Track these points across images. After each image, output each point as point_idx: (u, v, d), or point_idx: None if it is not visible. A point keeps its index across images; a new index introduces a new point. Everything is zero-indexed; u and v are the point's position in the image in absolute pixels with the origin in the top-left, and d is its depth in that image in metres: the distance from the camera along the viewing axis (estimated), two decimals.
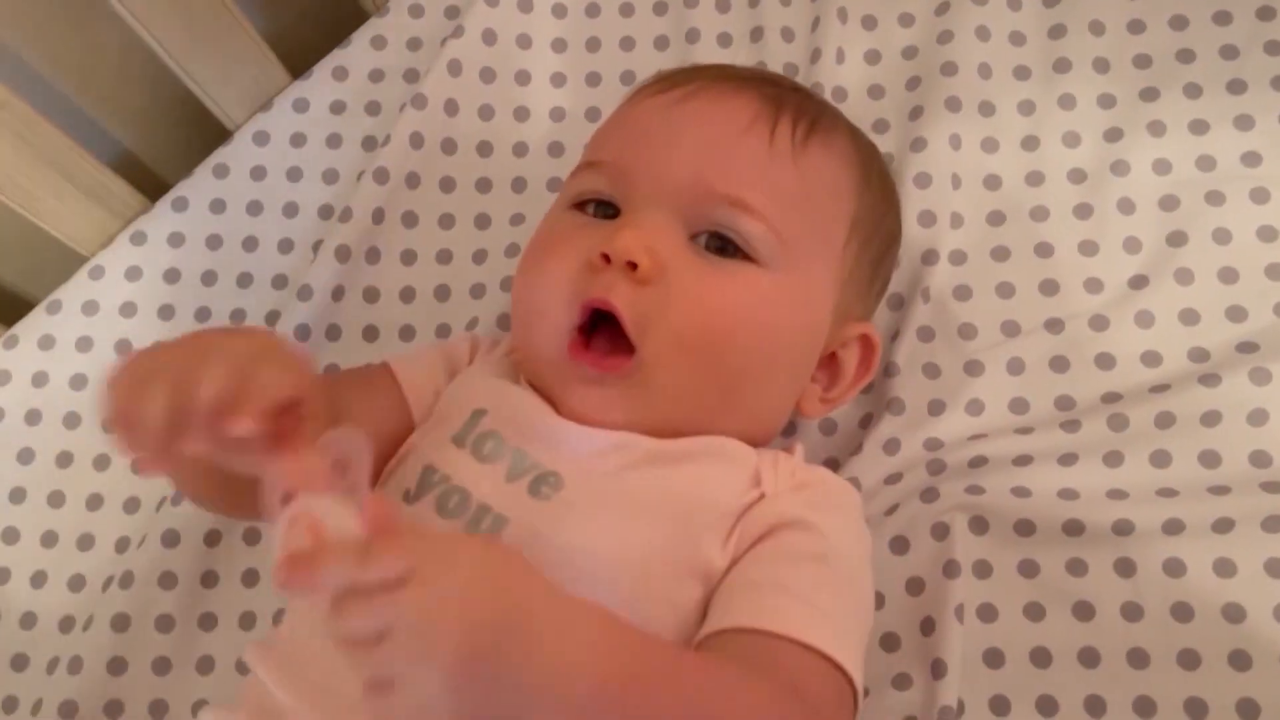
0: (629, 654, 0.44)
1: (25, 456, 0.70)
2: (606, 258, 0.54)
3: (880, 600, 0.63)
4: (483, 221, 0.75)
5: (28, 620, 0.67)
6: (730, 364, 0.56)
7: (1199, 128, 0.71)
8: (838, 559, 0.54)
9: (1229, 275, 0.68)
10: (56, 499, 0.69)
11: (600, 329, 0.55)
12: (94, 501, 0.69)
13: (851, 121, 0.65)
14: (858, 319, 0.63)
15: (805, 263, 0.58)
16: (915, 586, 0.63)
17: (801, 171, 0.58)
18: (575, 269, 0.55)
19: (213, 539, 0.67)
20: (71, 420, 0.71)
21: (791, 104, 0.60)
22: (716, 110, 0.58)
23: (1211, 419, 0.64)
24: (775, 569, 0.52)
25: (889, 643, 0.63)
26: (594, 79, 0.78)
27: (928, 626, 0.62)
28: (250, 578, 0.67)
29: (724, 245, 0.56)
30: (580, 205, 0.59)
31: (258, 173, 0.76)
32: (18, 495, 0.69)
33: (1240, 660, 0.60)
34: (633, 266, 0.54)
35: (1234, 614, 0.60)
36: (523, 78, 0.78)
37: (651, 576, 0.52)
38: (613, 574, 0.52)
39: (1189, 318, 0.67)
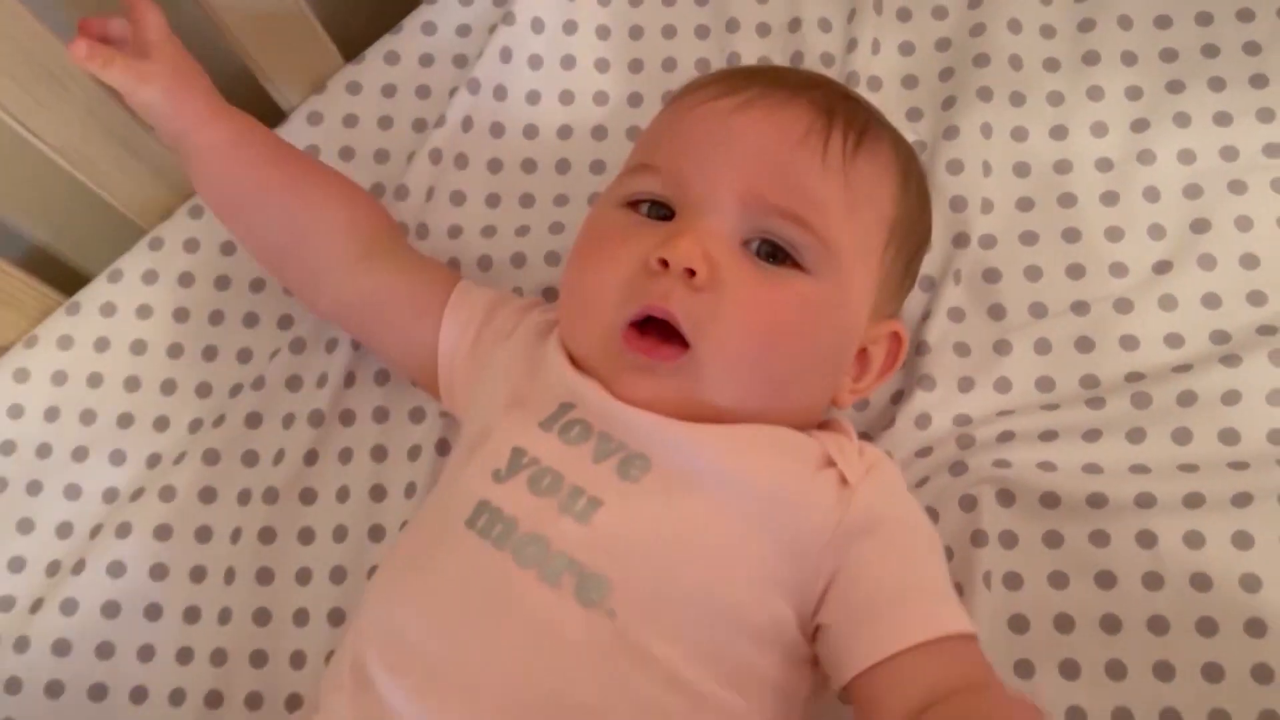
0: None
1: (88, 417, 0.73)
2: (664, 263, 0.57)
3: None
4: (527, 201, 0.77)
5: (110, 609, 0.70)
6: (778, 366, 0.59)
7: (1223, 119, 0.73)
8: (931, 538, 0.59)
9: (1250, 261, 0.70)
10: (117, 457, 0.73)
11: (652, 324, 0.58)
12: (153, 460, 0.72)
13: (891, 125, 0.67)
14: (888, 316, 0.65)
15: (849, 270, 0.60)
16: (946, 556, 0.66)
17: (850, 183, 0.60)
18: (631, 270, 0.58)
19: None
20: (132, 384, 0.74)
21: (842, 114, 0.61)
22: (772, 121, 0.60)
23: (1232, 398, 0.67)
24: (902, 574, 0.56)
25: None
26: (636, 65, 0.80)
27: (956, 593, 0.65)
28: (306, 535, 0.70)
29: (774, 251, 0.59)
30: (633, 204, 0.61)
31: (311, 152, 0.78)
32: (80, 454, 0.73)
33: (1256, 628, 0.62)
34: (690, 273, 0.56)
35: (1251, 584, 0.63)
36: (568, 63, 0.80)
37: (739, 563, 0.55)
38: (705, 556, 0.54)
39: (1211, 301, 0.70)
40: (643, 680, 0.52)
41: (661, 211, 0.60)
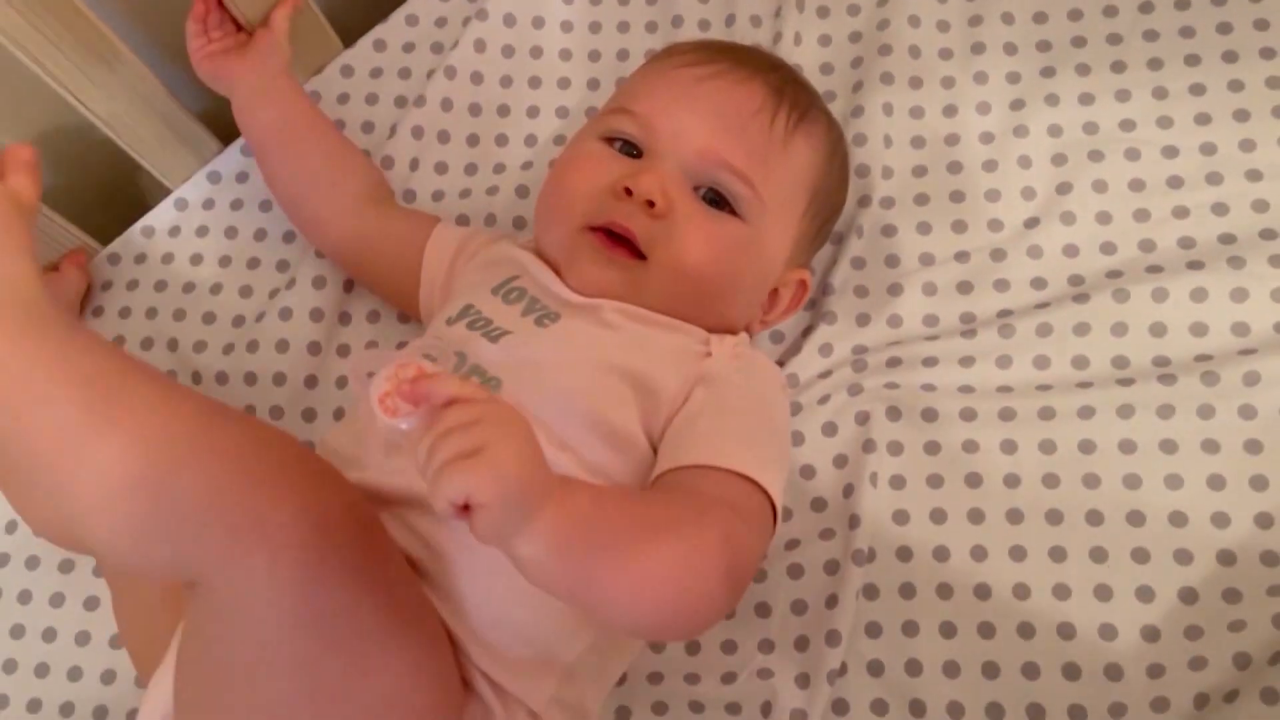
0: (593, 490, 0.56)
1: (119, 341, 0.86)
2: (629, 191, 0.70)
3: (812, 472, 0.78)
4: (499, 168, 0.90)
5: None
6: (707, 287, 0.72)
7: (1086, 100, 0.85)
8: (761, 407, 0.69)
9: (1104, 218, 0.82)
10: None
11: (610, 236, 0.70)
12: (171, 376, 0.85)
13: (828, 110, 0.79)
14: (799, 266, 0.78)
15: (774, 223, 0.74)
16: (840, 461, 0.78)
17: (787, 153, 0.74)
18: (601, 189, 0.71)
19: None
20: (151, 313, 0.87)
21: (789, 96, 0.75)
22: (733, 93, 0.73)
23: (1082, 330, 0.78)
24: (714, 416, 0.67)
25: (818, 505, 0.77)
26: (595, 55, 0.93)
27: (848, 491, 0.76)
28: None
29: (717, 199, 0.72)
30: (609, 139, 0.74)
31: None
32: None
33: (1093, 518, 0.74)
34: (650, 204, 0.69)
35: (1091, 482, 0.75)
36: (536, 53, 0.93)
37: (599, 386, 0.67)
38: (573, 376, 0.67)
39: (1071, 251, 0.81)
40: None
41: (631, 150, 0.73)
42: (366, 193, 0.84)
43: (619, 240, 0.70)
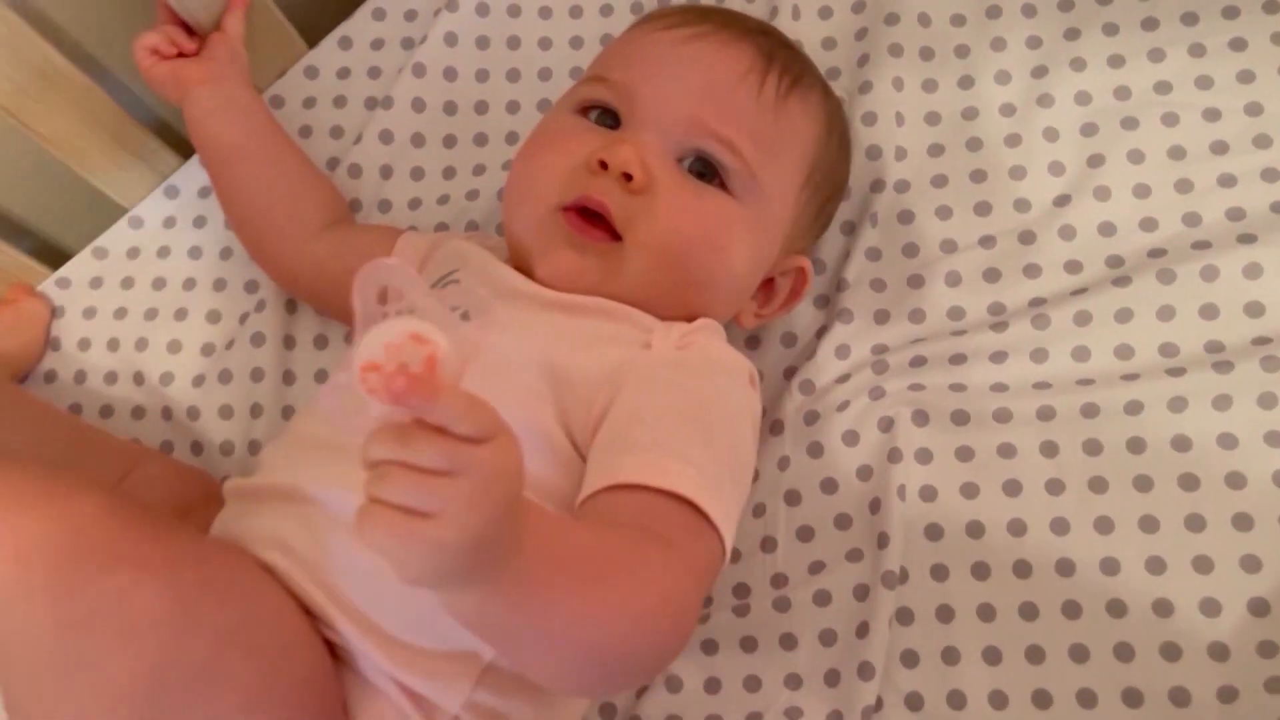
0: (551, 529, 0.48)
1: (79, 378, 0.80)
2: (604, 164, 0.63)
3: (834, 486, 0.71)
4: (479, 170, 0.83)
5: None
6: (690, 271, 0.65)
7: (1116, 62, 0.78)
8: (709, 409, 0.60)
9: (1142, 190, 0.75)
10: (106, 411, 0.79)
11: (585, 216, 0.63)
12: (137, 412, 0.79)
13: (825, 79, 0.73)
14: (798, 252, 0.71)
15: (767, 199, 0.67)
16: (864, 473, 0.71)
17: (779, 121, 0.67)
18: (574, 165, 0.64)
19: None
20: (113, 345, 0.81)
21: (780, 60, 0.68)
22: (718, 55, 0.66)
23: (1124, 316, 0.71)
24: (650, 421, 0.57)
25: (842, 523, 0.70)
26: (577, 42, 0.86)
27: (875, 506, 0.70)
28: None
29: (703, 171, 0.65)
30: (583, 110, 0.67)
31: None
32: (74, 409, 0.79)
33: (1148, 524, 0.67)
34: (627, 178, 0.62)
35: (1142, 484, 0.68)
36: (513, 43, 0.86)
37: (525, 386, 0.60)
38: (492, 371, 0.57)
39: (1107, 230, 0.74)
40: None
41: (609, 121, 0.67)
42: (326, 217, 0.77)
43: (592, 221, 0.64)
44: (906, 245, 0.77)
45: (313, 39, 0.88)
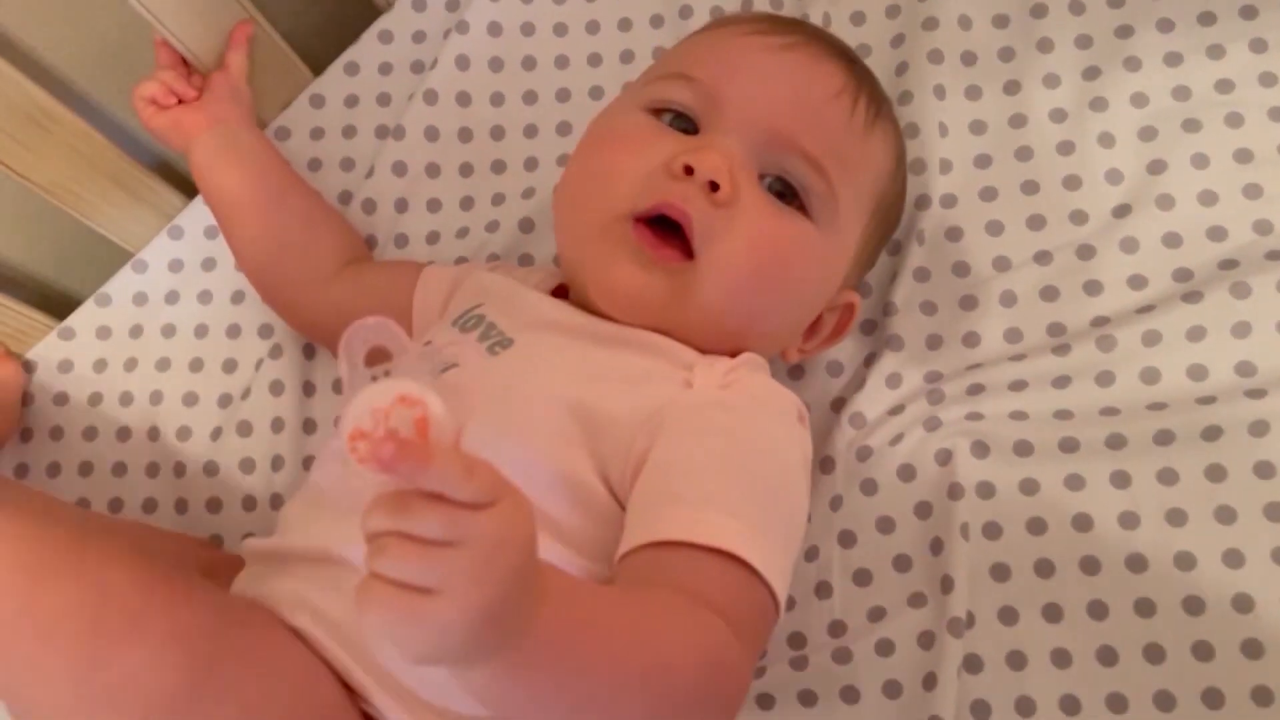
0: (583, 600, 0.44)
1: (90, 434, 0.76)
2: (689, 169, 0.58)
3: (891, 525, 0.67)
4: (498, 199, 0.79)
5: None
6: (764, 297, 0.60)
7: (1173, 60, 0.73)
8: (757, 454, 0.55)
9: (1208, 198, 0.70)
10: (119, 469, 0.76)
11: (656, 226, 0.58)
12: (151, 469, 0.75)
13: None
14: (850, 286, 0.67)
15: (841, 228, 0.63)
16: (923, 510, 0.67)
17: (865, 148, 0.63)
18: (650, 169, 0.59)
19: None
20: (126, 399, 0.77)
21: (868, 85, 0.64)
22: (812, 70, 0.62)
23: (1196, 334, 0.67)
24: (694, 470, 0.53)
25: (901, 564, 0.66)
26: (595, 60, 0.82)
27: (936, 546, 0.66)
28: None
29: (784, 191, 0.61)
30: (657, 111, 0.62)
31: None
32: (85, 469, 0.76)
33: (1234, 558, 0.63)
34: (713, 187, 0.57)
35: (1225, 516, 0.63)
36: (529, 64, 0.82)
37: (554, 430, 0.56)
38: (522, 410, 0.56)
39: (1172, 241, 0.70)
40: None
41: (683, 124, 0.61)
42: (341, 257, 0.73)
43: (664, 238, 0.58)
44: (956, 264, 0.72)
45: (318, 66, 0.84)
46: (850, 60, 0.65)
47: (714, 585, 0.50)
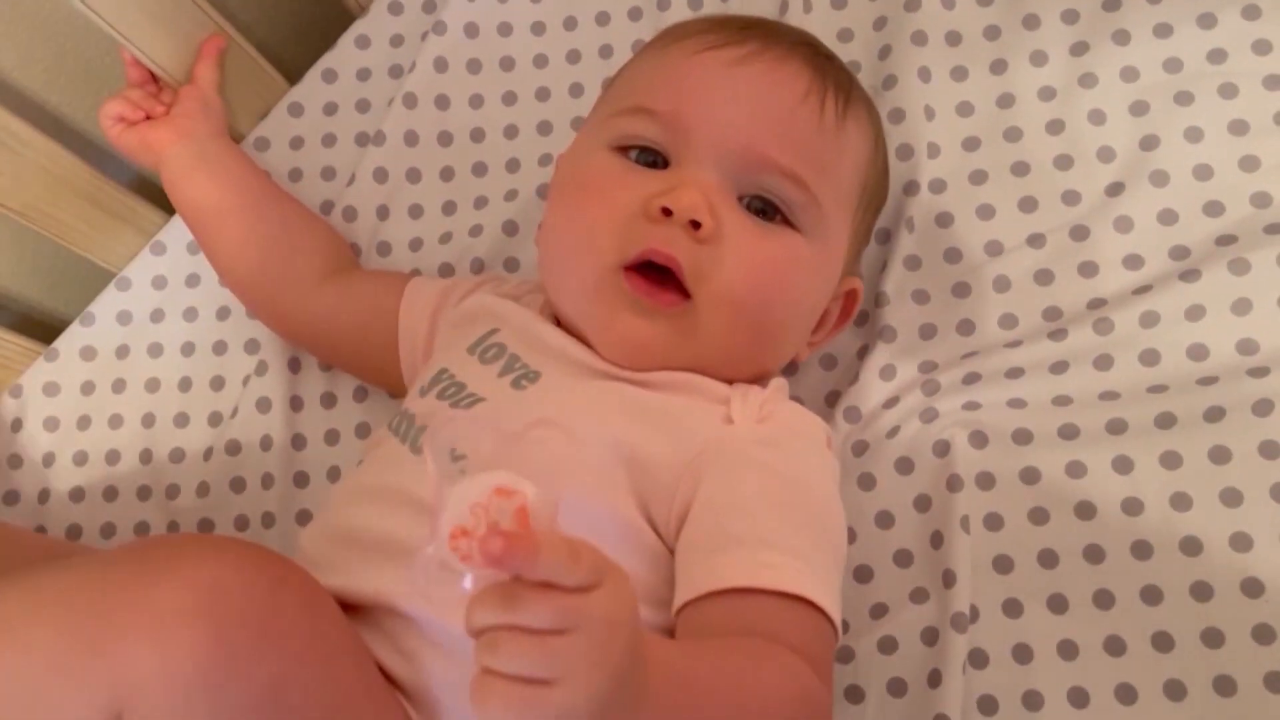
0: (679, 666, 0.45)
1: (80, 459, 0.76)
2: (667, 211, 0.56)
3: (890, 520, 0.66)
4: (481, 203, 0.78)
5: None
6: (769, 321, 0.60)
7: (1163, 31, 0.71)
8: (804, 490, 0.56)
9: (1204, 172, 0.69)
10: (110, 493, 0.75)
11: (645, 271, 0.58)
12: (143, 493, 0.74)
13: (862, 86, 0.67)
14: (849, 273, 0.66)
15: (833, 230, 0.62)
16: (922, 504, 0.66)
17: (840, 145, 0.61)
18: (627, 215, 0.58)
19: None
20: (115, 421, 0.76)
21: (832, 75, 0.62)
22: (774, 77, 0.60)
23: (1196, 313, 0.65)
24: (747, 512, 0.53)
25: (902, 559, 0.65)
26: (574, 56, 0.80)
27: (937, 540, 0.64)
28: None
29: (764, 208, 0.59)
30: (623, 149, 0.61)
31: None
32: (77, 494, 0.75)
33: (1240, 542, 0.61)
34: (695, 225, 0.56)
35: (1231, 498, 0.62)
36: (507, 64, 0.81)
37: (598, 470, 0.55)
38: (560, 450, 0.54)
39: (1168, 218, 0.68)
40: None
41: (650, 158, 0.60)
42: (326, 265, 0.72)
43: (658, 282, 0.57)
44: (948, 250, 0.71)
45: (293, 75, 0.82)
46: (811, 51, 0.63)
47: (788, 628, 0.50)
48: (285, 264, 0.72)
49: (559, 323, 0.63)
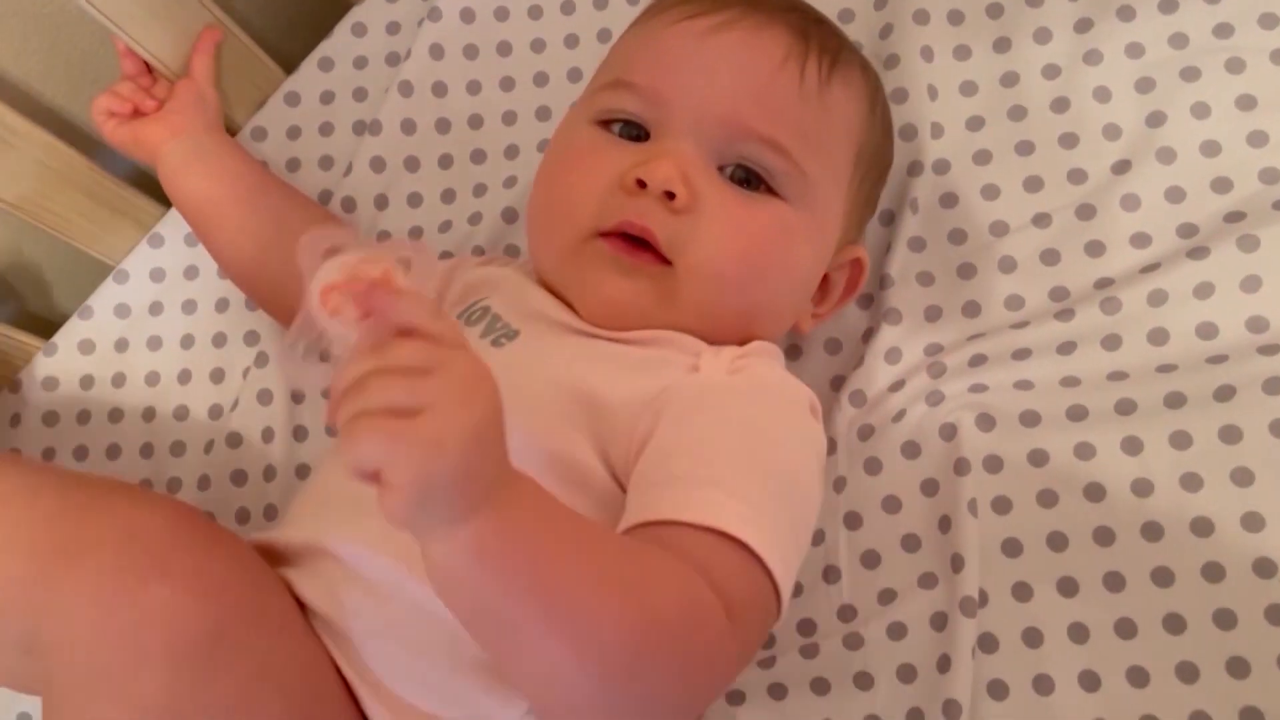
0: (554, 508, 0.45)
1: (80, 453, 0.75)
2: (641, 183, 0.56)
3: (897, 504, 0.65)
4: (480, 190, 0.77)
5: None
6: (751, 292, 0.59)
7: (1168, 6, 0.71)
8: (763, 438, 0.54)
9: (1211, 148, 0.68)
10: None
11: (625, 241, 0.57)
12: (145, 486, 0.74)
13: (858, 50, 0.66)
14: (852, 242, 0.65)
15: (820, 197, 0.61)
16: (930, 488, 0.65)
17: (825, 109, 0.60)
18: (605, 187, 0.58)
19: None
20: (115, 415, 0.76)
21: (816, 39, 0.61)
22: (751, 44, 0.59)
23: (1204, 291, 0.65)
24: (694, 451, 0.52)
25: (910, 544, 0.64)
26: (572, 41, 0.80)
27: (945, 524, 0.64)
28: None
29: (748, 177, 0.59)
30: (605, 122, 0.61)
31: None
32: None
33: (1253, 522, 0.61)
34: (669, 196, 0.56)
35: (1242, 478, 0.61)
36: (504, 49, 0.80)
37: (551, 409, 0.55)
38: (528, 398, 0.53)
39: (1175, 195, 0.68)
40: None
41: (634, 131, 0.60)
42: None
43: (636, 246, 0.57)
44: (953, 231, 0.70)
45: (289, 64, 0.82)
46: (797, 16, 0.62)
47: (708, 560, 0.48)
48: (283, 257, 0.71)
49: (546, 288, 0.62)
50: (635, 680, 0.44)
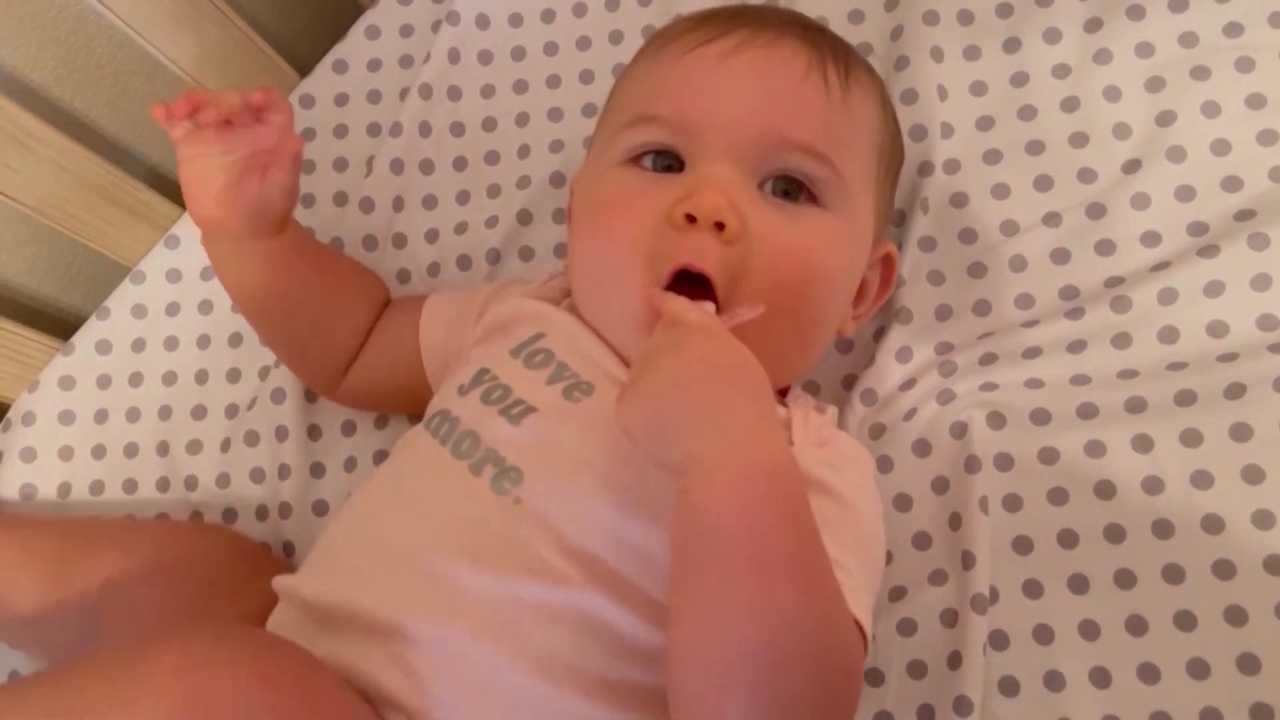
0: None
1: (99, 451, 0.76)
2: (690, 218, 0.55)
3: (908, 502, 0.66)
4: (494, 191, 0.78)
5: None
6: (808, 309, 0.59)
7: (1178, 5, 0.71)
8: (855, 517, 0.56)
9: (1221, 147, 0.68)
10: (130, 485, 0.75)
11: (680, 285, 0.56)
12: (162, 484, 0.75)
13: (856, 50, 0.67)
14: (879, 240, 0.65)
15: (858, 202, 0.61)
16: (940, 485, 0.65)
17: (849, 113, 0.61)
18: (651, 228, 0.56)
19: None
20: (133, 415, 0.76)
21: (828, 47, 0.62)
22: (772, 59, 0.59)
23: (1215, 289, 0.65)
24: None
25: (920, 541, 0.65)
26: (584, 43, 0.80)
27: (955, 522, 0.64)
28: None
29: (788, 189, 0.59)
30: (635, 159, 0.60)
31: None
32: (97, 488, 0.75)
33: (1264, 519, 0.61)
34: (719, 226, 0.55)
35: (1253, 475, 0.61)
36: (518, 54, 0.80)
37: (648, 487, 0.54)
38: (615, 474, 0.54)
39: (1185, 194, 0.68)
40: (539, 544, 0.53)
41: (666, 162, 0.59)
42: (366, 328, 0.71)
43: (696, 289, 0.55)
44: (963, 231, 0.70)
45: (304, 67, 0.82)
46: (801, 28, 0.62)
47: None
48: (318, 359, 0.70)
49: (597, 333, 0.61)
50: (795, 671, 0.46)
